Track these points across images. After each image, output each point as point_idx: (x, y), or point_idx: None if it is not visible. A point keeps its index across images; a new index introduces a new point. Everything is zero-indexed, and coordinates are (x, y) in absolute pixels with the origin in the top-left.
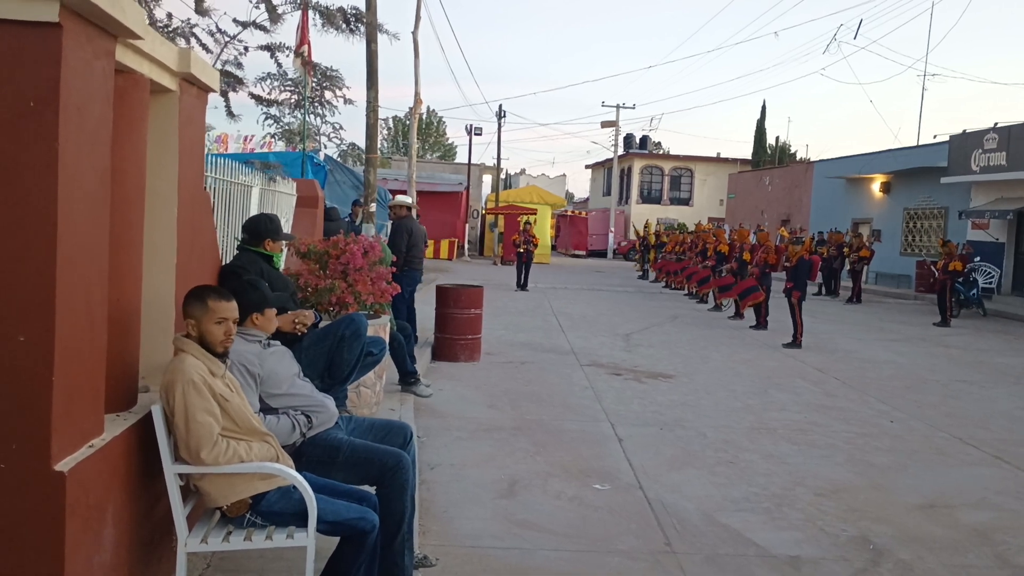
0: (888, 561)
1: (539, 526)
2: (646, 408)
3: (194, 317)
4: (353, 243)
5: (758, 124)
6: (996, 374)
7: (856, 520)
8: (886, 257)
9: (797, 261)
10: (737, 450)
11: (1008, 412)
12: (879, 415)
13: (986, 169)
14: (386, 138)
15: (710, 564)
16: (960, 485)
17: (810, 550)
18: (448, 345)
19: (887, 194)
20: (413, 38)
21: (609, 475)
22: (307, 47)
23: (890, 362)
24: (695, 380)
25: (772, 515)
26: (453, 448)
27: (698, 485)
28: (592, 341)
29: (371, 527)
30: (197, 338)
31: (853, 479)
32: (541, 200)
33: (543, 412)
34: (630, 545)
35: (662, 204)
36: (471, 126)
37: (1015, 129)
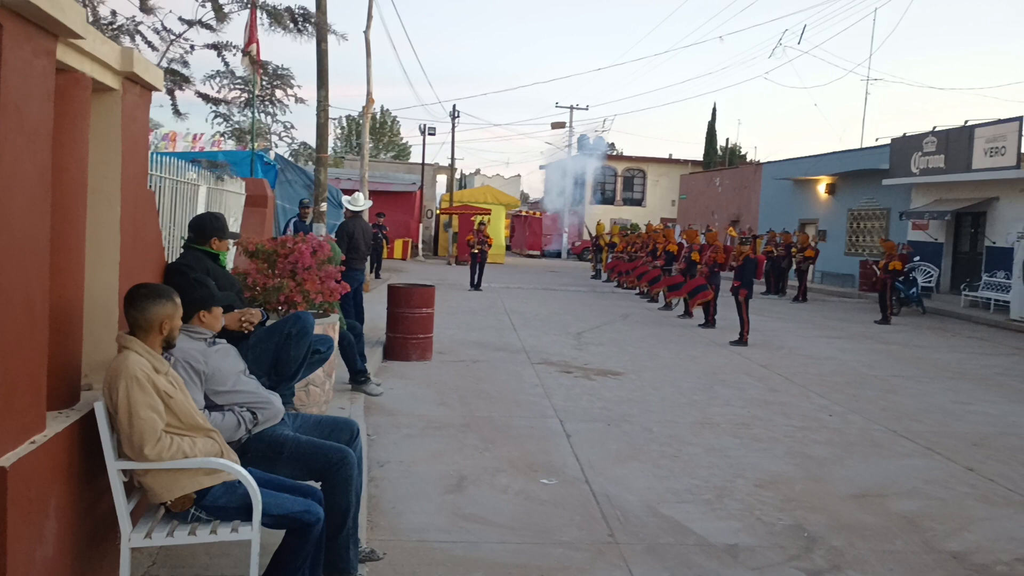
0: (821, 548)
1: (485, 520)
2: (594, 404)
3: (167, 315)
4: (302, 242)
5: (709, 126)
6: (933, 370)
7: (792, 510)
8: (831, 257)
9: (744, 260)
10: (681, 444)
11: (942, 406)
12: (819, 409)
13: (925, 171)
14: (339, 137)
15: (651, 554)
16: (893, 475)
17: (747, 538)
18: (400, 344)
19: (832, 195)
20: (365, 37)
21: (556, 469)
22: (255, 46)
23: (832, 358)
24: (643, 377)
25: (712, 506)
26: (402, 445)
27: (642, 478)
28: (543, 339)
29: (316, 520)
30: (167, 337)
31: (791, 471)
32: (495, 200)
33: (493, 409)
34: (574, 536)
35: (615, 205)
36: (425, 126)
37: (952, 133)
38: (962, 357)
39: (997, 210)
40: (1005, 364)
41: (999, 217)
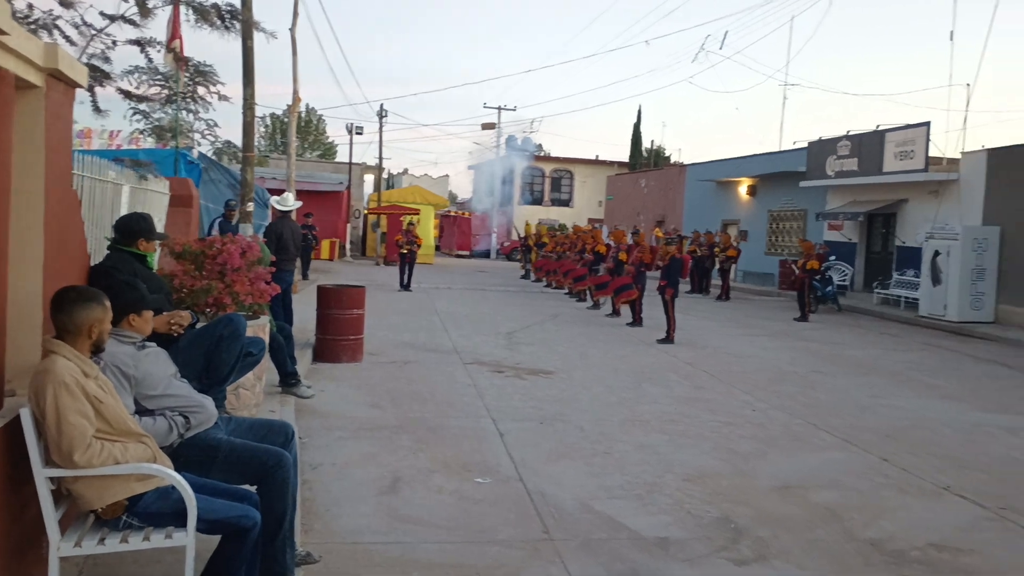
0: (747, 539)
1: (421, 520)
2: (526, 404)
3: (96, 319)
4: (230, 243)
5: (634, 128)
6: (849, 365)
7: (720, 503)
8: (752, 256)
9: (670, 260)
10: (612, 442)
11: (857, 401)
12: (743, 405)
13: (840, 174)
14: (263, 136)
15: (585, 549)
16: (813, 468)
17: (677, 532)
18: (330, 346)
19: (753, 196)
20: (291, 35)
21: (490, 469)
22: (179, 42)
23: (755, 356)
24: (574, 376)
25: (643, 501)
26: (335, 448)
27: (575, 476)
28: (475, 340)
29: (252, 524)
30: (96, 341)
31: (718, 465)
32: (424, 200)
33: (426, 410)
34: (510, 534)
35: (544, 205)
36: (352, 125)
37: (865, 137)
38: (875, 353)
39: (907, 211)
40: (915, 359)
41: (908, 218)
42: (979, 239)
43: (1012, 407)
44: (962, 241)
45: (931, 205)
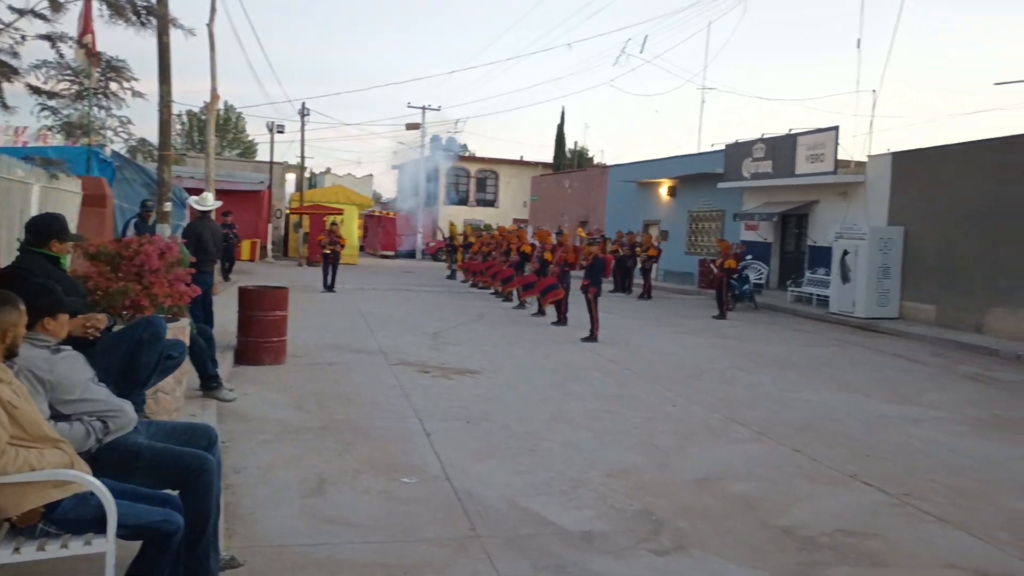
0: (667, 530)
1: (347, 521)
2: (453, 403)
3: (11, 323)
4: (148, 244)
5: (558, 129)
6: (764, 361)
7: (642, 496)
8: (673, 256)
9: (593, 260)
10: (537, 439)
11: (772, 394)
12: (664, 401)
13: (756, 176)
14: (181, 134)
15: (512, 545)
16: (730, 460)
17: (601, 525)
18: (252, 348)
19: (673, 197)
20: (209, 31)
21: (417, 469)
22: (91, 37)
23: (675, 353)
24: (500, 375)
25: (568, 497)
26: (259, 451)
27: (501, 473)
28: (401, 340)
29: (175, 529)
30: (9, 345)
31: (640, 460)
32: (348, 200)
33: (351, 411)
34: (437, 533)
35: (469, 205)
36: (273, 123)
37: (778, 140)
38: (789, 349)
39: (818, 212)
40: (825, 355)
41: (819, 218)
42: (884, 239)
43: (914, 399)
44: (869, 241)
45: (840, 206)
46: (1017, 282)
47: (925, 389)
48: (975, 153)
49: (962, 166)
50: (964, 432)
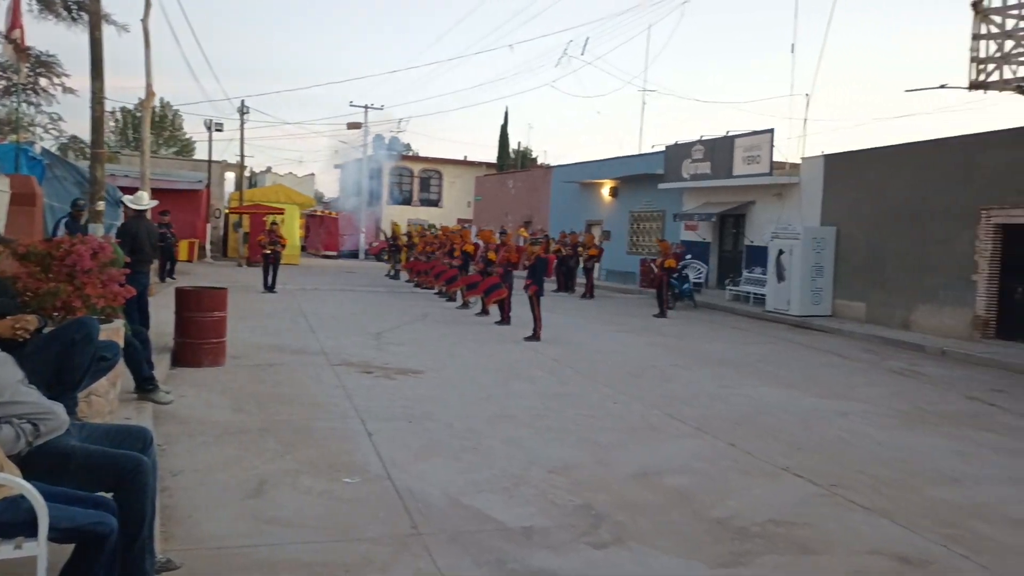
0: (607, 524)
1: (288, 521)
2: (395, 403)
3: None
4: (80, 243)
5: (502, 129)
6: (702, 358)
7: (582, 492)
8: (615, 256)
9: (535, 260)
10: (480, 437)
11: (710, 391)
12: (605, 399)
13: (695, 177)
14: (115, 131)
15: (453, 542)
16: (668, 455)
17: (542, 521)
18: (190, 350)
19: (615, 198)
20: (143, 26)
21: (359, 468)
22: (20, 31)
23: (616, 351)
24: (443, 375)
25: (510, 493)
26: (197, 453)
27: (443, 472)
28: (343, 341)
29: (109, 531)
30: None
31: (581, 457)
32: (289, 199)
33: (292, 412)
34: (378, 532)
35: (412, 205)
36: (211, 121)
37: (717, 142)
38: (726, 346)
39: (754, 212)
40: (761, 352)
41: (756, 219)
42: (817, 239)
43: (844, 393)
44: (803, 240)
45: (776, 207)
46: (941, 280)
47: (855, 384)
48: (901, 155)
49: (889, 168)
50: (890, 425)
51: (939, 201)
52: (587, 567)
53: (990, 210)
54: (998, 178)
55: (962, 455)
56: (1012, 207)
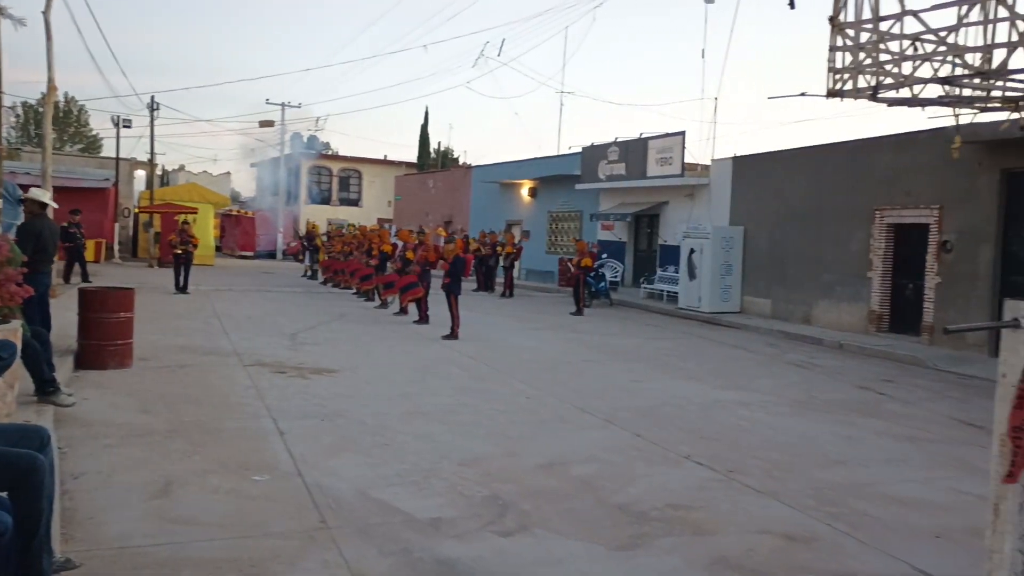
0: (512, 512)
1: (194, 520)
2: (309, 402)
3: None
4: None
5: (422, 129)
6: (615, 353)
7: (490, 483)
8: (534, 255)
9: (453, 259)
10: (392, 433)
11: (621, 384)
12: (518, 393)
13: (611, 177)
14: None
15: (361, 534)
16: (576, 446)
17: (450, 511)
18: (95, 351)
19: (534, 198)
20: (44, 19)
21: (268, 466)
22: None
23: (532, 348)
24: (358, 373)
25: (420, 486)
26: (100, 456)
27: (354, 467)
28: (257, 342)
29: (3, 530)
30: None
31: (491, 449)
32: (203, 198)
33: (202, 413)
34: (286, 527)
35: (331, 205)
36: (119, 117)
37: (631, 143)
38: (639, 342)
39: (667, 213)
40: (671, 347)
41: (669, 219)
42: (726, 238)
43: (746, 385)
44: (712, 240)
45: (687, 207)
46: (838, 277)
47: (756, 376)
48: (800, 158)
49: (790, 170)
50: (784, 413)
51: (835, 202)
52: (491, 554)
53: (883, 210)
54: (888, 180)
55: (848, 440)
56: (902, 207)
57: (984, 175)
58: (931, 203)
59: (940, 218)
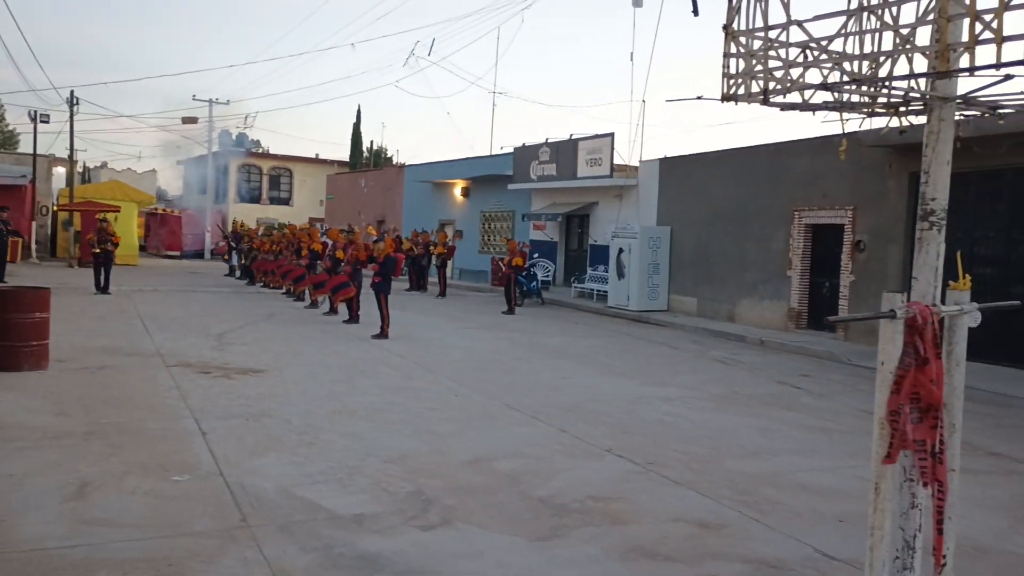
0: (436, 507)
1: (112, 522)
2: (234, 402)
3: None
4: None
5: (354, 128)
6: (544, 352)
7: (415, 479)
8: (467, 255)
9: (384, 258)
10: (318, 432)
11: (548, 382)
12: (447, 392)
13: (542, 178)
14: None
15: (283, 532)
16: (502, 442)
17: (374, 507)
18: (8, 353)
19: (467, 198)
20: None
21: (189, 467)
22: None
23: (463, 347)
24: (285, 373)
25: (344, 484)
26: (12, 459)
27: (278, 466)
28: (181, 342)
29: None
30: None
31: (418, 446)
32: (126, 196)
33: (122, 415)
34: (206, 526)
35: (261, 203)
36: (36, 112)
37: (561, 144)
38: (568, 340)
39: (597, 213)
40: (599, 344)
41: (599, 219)
42: (654, 237)
43: (669, 380)
44: (640, 239)
45: (616, 207)
46: (760, 276)
47: (679, 372)
48: (723, 160)
49: (714, 172)
50: (705, 407)
51: (758, 203)
52: (413, 548)
53: (801, 211)
54: (806, 182)
55: (764, 432)
56: (819, 208)
57: (893, 178)
58: (845, 204)
59: (854, 219)
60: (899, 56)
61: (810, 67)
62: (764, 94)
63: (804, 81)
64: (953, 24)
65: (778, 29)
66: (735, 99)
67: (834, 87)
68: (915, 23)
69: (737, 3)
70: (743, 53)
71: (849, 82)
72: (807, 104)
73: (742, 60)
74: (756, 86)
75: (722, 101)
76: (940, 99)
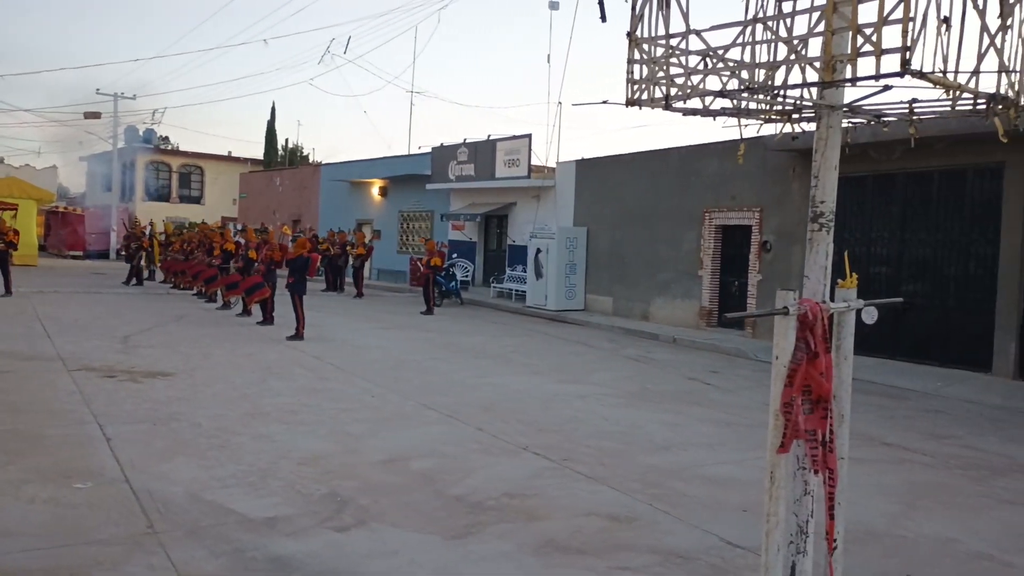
0: (351, 508)
1: (8, 532)
2: (140, 406)
3: None
4: None
5: (269, 125)
6: (462, 351)
7: (329, 480)
8: (386, 255)
9: (298, 258)
10: (229, 435)
11: (465, 381)
12: (363, 392)
13: (460, 178)
14: None
15: (191, 537)
16: (417, 441)
17: (286, 510)
18: None
19: (385, 197)
20: None
21: (92, 473)
22: None
23: (380, 347)
24: (195, 376)
25: (256, 487)
26: None
27: (187, 470)
28: (84, 346)
29: None
30: None
31: (331, 447)
32: (24, 194)
33: (19, 421)
34: (110, 533)
35: (171, 202)
36: None
37: (480, 145)
38: (486, 340)
39: (516, 213)
40: (518, 343)
41: (517, 219)
42: (571, 238)
43: (584, 378)
44: (557, 240)
45: (534, 208)
46: (671, 275)
47: (594, 370)
48: (636, 162)
49: (628, 174)
50: (618, 404)
51: (669, 204)
52: (326, 549)
53: (711, 212)
54: (716, 184)
55: (674, 427)
56: (728, 210)
57: (797, 181)
58: (753, 206)
59: (760, 220)
60: (792, 66)
61: (710, 74)
62: (666, 100)
63: (704, 88)
64: (838, 36)
65: (679, 37)
66: (639, 104)
67: (732, 94)
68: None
69: (640, 11)
70: (646, 60)
71: (745, 90)
72: (708, 110)
73: (645, 66)
74: (659, 92)
75: (627, 105)
76: (828, 107)
